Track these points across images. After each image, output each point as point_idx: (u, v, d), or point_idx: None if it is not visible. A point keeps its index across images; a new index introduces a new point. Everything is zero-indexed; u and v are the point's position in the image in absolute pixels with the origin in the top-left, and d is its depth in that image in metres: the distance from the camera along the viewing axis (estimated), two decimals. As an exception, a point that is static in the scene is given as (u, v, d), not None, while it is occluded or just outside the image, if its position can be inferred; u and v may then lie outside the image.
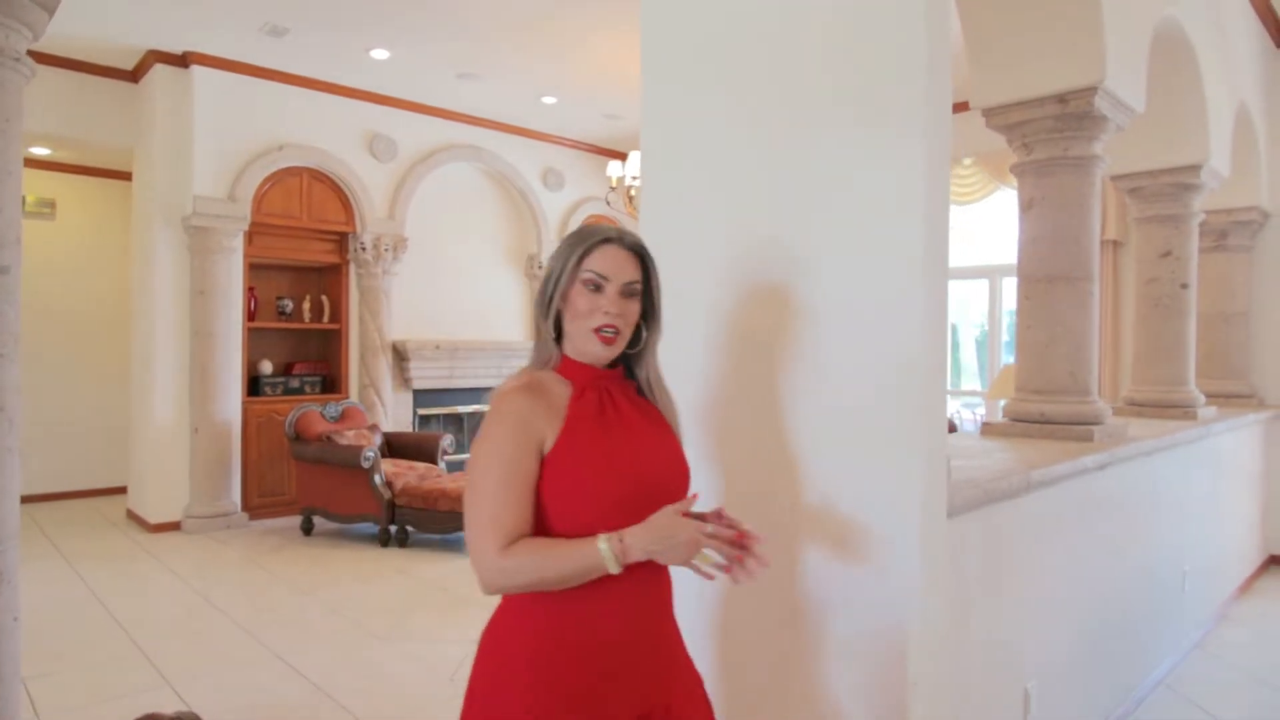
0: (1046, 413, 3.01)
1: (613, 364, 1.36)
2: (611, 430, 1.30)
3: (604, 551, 1.19)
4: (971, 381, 8.04)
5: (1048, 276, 3.08)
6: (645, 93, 2.14)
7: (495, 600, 1.32)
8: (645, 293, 1.36)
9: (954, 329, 12.26)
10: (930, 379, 1.62)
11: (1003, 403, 3.73)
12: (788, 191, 1.80)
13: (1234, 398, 5.31)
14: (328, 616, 4.24)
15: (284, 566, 5.20)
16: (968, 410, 7.78)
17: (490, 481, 1.23)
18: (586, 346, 1.31)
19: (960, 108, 5.50)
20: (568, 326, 1.32)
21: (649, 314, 1.37)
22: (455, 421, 7.88)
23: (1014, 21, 3.11)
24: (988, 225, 7.32)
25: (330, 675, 3.43)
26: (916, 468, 1.58)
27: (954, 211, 7.37)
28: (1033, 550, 2.39)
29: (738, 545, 1.25)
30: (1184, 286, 4.29)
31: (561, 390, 1.31)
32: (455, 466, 7.23)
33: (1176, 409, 4.12)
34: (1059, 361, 3.05)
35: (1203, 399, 4.28)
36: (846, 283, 1.69)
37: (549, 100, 7.22)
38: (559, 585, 1.22)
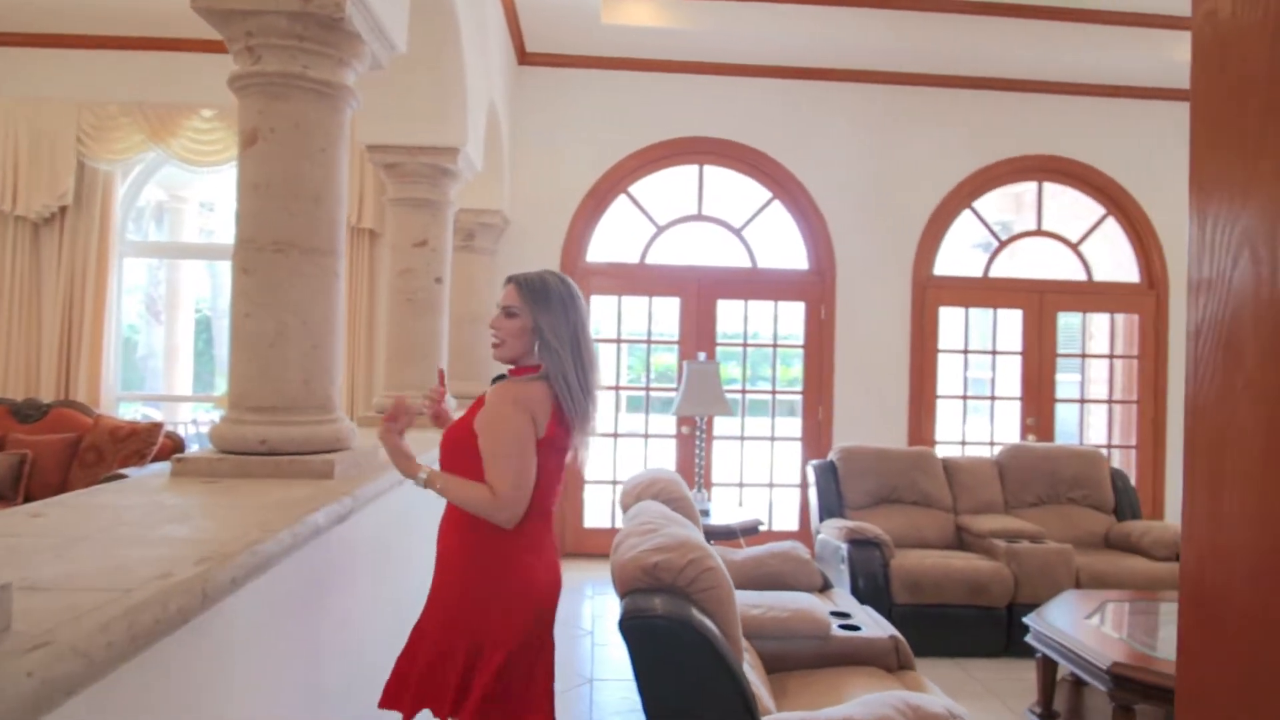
0: (270, 439, 2.08)
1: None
2: None
3: None
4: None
5: (277, 244, 2.15)
6: None
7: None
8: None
9: (209, 321, 10.67)
10: None
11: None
12: None
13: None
14: None
15: None
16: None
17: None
18: None
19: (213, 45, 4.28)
20: None
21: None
22: None
23: None
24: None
25: None
26: None
27: (190, 176, 6.01)
28: (231, 684, 1.41)
29: None
30: (439, 281, 3.92)
31: None
32: None
33: (430, 416, 3.70)
34: (291, 365, 2.15)
35: (455, 403, 3.98)
36: None
37: None
38: None
